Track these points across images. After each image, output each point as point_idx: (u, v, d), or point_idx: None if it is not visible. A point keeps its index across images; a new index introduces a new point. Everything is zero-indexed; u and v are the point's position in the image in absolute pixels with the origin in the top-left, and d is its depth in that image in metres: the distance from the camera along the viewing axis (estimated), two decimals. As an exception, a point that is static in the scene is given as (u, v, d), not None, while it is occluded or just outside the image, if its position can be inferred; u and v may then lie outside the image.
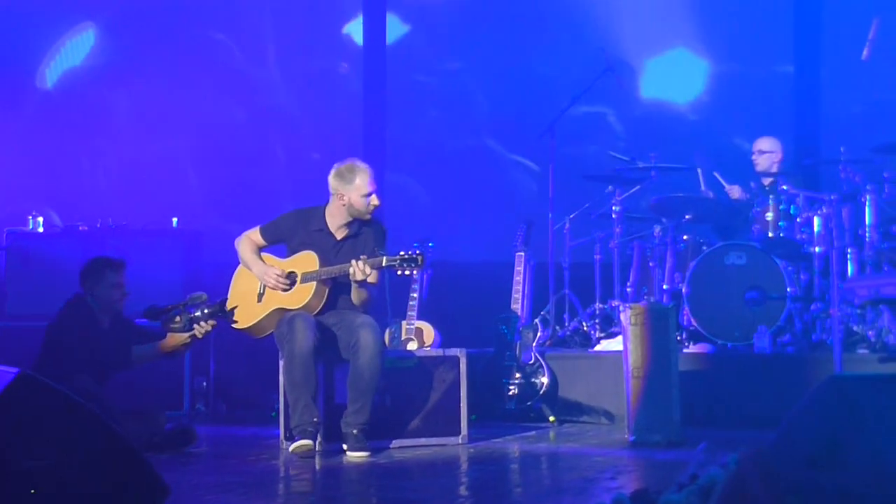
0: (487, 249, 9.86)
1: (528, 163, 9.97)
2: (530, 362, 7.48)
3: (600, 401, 7.46)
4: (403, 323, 7.47)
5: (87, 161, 9.92)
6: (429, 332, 7.50)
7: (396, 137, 10.24)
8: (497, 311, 7.71)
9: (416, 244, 7.62)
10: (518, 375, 7.48)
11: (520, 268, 7.76)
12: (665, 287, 8.08)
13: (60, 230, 8.82)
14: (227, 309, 6.28)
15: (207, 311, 6.25)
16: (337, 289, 6.24)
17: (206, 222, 9.27)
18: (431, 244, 8.17)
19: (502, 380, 7.50)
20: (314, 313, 6.15)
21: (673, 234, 8.16)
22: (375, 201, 6.29)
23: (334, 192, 6.29)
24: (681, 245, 8.18)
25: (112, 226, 8.65)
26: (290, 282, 6.21)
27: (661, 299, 8.00)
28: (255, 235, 6.42)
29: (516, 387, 7.47)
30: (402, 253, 6.07)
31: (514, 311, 7.61)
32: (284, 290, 6.20)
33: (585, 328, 8.37)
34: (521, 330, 7.55)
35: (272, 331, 6.24)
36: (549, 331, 8.23)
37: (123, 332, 6.54)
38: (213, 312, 6.25)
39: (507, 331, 7.57)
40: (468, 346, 6.78)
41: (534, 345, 7.51)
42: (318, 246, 6.26)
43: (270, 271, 6.23)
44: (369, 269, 6.05)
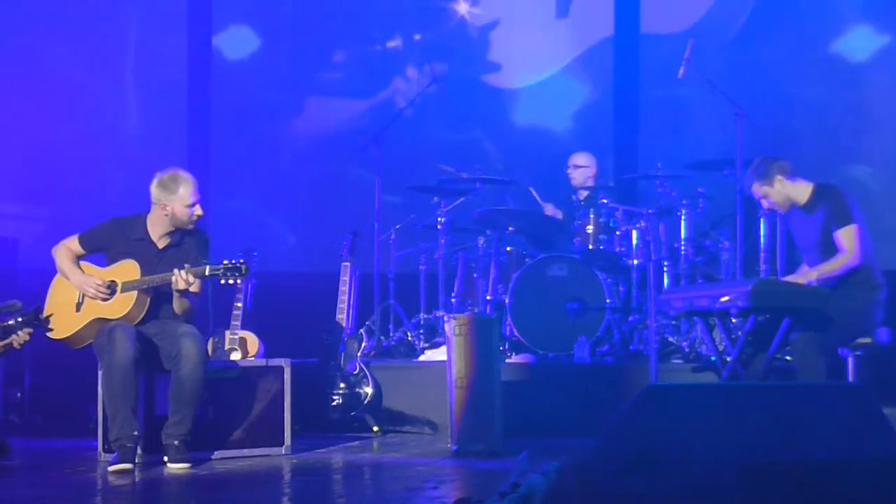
0: (313, 260, 9.84)
1: (355, 173, 9.97)
2: (355, 372, 7.48)
3: (424, 411, 7.51)
4: (227, 332, 7.38)
5: None
6: (253, 342, 7.43)
7: (221, 147, 10.14)
8: (322, 321, 7.70)
9: (241, 253, 7.55)
10: (342, 385, 7.48)
11: (345, 278, 7.76)
12: (488, 298, 8.18)
13: None
14: (43, 317, 6.10)
15: (22, 319, 6.06)
16: (158, 298, 6.13)
17: (22, 228, 9.02)
18: (256, 253, 8.11)
19: (326, 390, 7.48)
20: (135, 323, 6.04)
21: (496, 245, 8.26)
22: (199, 211, 6.20)
23: (156, 201, 6.18)
24: (504, 257, 8.30)
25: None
26: (109, 291, 6.08)
27: (484, 310, 8.11)
28: (74, 244, 6.26)
29: (340, 397, 7.46)
30: (226, 262, 6.01)
31: (338, 322, 7.60)
32: (104, 300, 6.07)
33: (410, 338, 8.42)
34: (345, 340, 7.55)
35: (91, 341, 6.10)
36: (374, 341, 8.25)
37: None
38: (29, 321, 6.06)
39: (331, 341, 7.56)
40: (292, 357, 6.74)
41: (358, 355, 7.52)
42: (138, 255, 6.14)
43: (90, 281, 6.09)
44: (192, 278, 5.97)
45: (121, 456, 5.79)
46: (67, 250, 6.24)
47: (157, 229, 6.22)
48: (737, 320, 6.66)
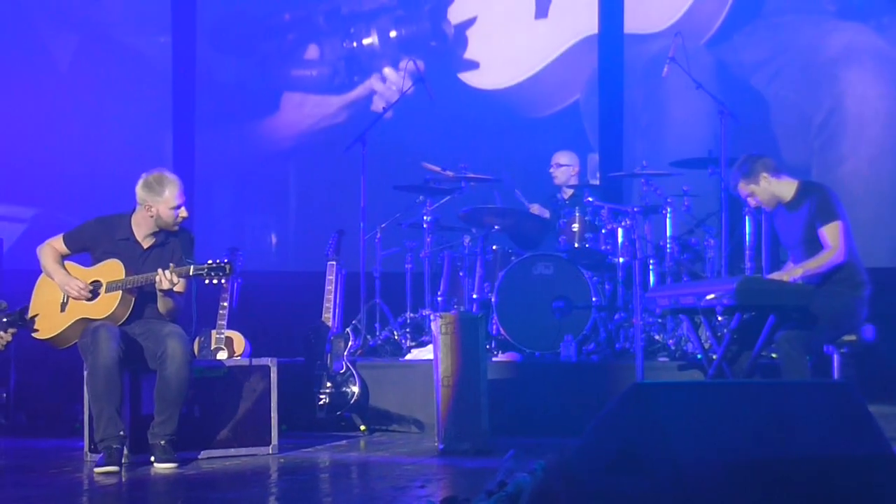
0: (298, 259, 9.83)
1: (340, 172, 9.97)
2: (341, 371, 7.48)
3: (411, 409, 7.51)
4: (213, 332, 7.37)
5: None
6: (239, 342, 7.42)
7: (206, 146, 10.12)
8: (308, 320, 7.69)
9: (226, 253, 7.54)
10: (329, 385, 7.47)
11: (331, 277, 7.75)
12: (474, 296, 8.18)
13: None
14: (28, 317, 6.09)
15: (6, 319, 6.04)
16: (143, 298, 6.12)
17: (6, 228, 8.99)
18: (241, 253, 8.10)
19: (313, 389, 7.48)
20: (120, 323, 6.02)
21: (482, 244, 8.27)
22: (184, 213, 6.20)
23: (142, 202, 6.17)
24: (490, 255, 8.30)
25: None
26: (92, 292, 6.06)
27: (470, 308, 8.11)
28: (58, 243, 6.24)
29: (327, 396, 7.46)
30: (211, 262, 6.00)
31: (324, 321, 7.60)
32: (88, 300, 6.06)
33: (396, 337, 8.42)
34: (332, 339, 7.55)
35: (76, 341, 6.08)
36: (360, 340, 8.24)
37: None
38: (13, 321, 6.04)
39: (317, 340, 7.56)
40: (279, 356, 6.74)
41: (345, 354, 7.51)
42: (123, 255, 6.13)
43: (73, 282, 6.07)
44: (177, 277, 5.96)
45: (107, 457, 5.78)
46: (52, 250, 6.22)
47: (141, 229, 6.20)
48: (722, 318, 6.68)
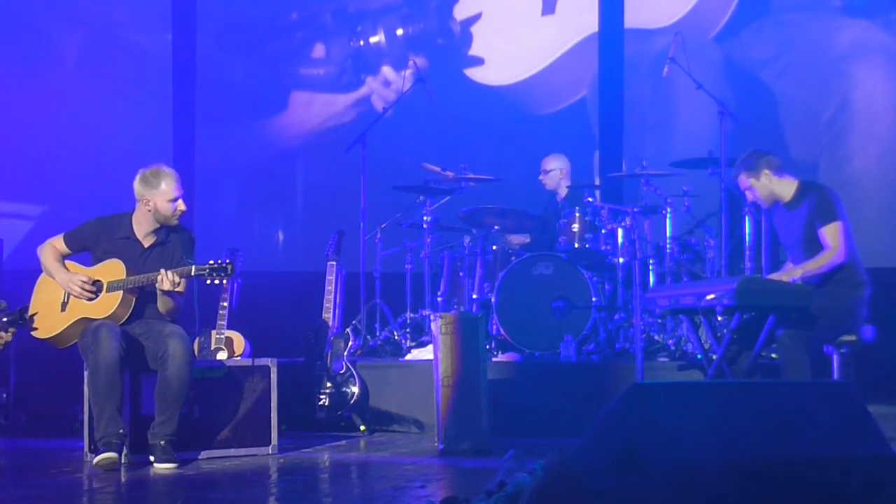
0: (298, 259, 9.83)
1: (341, 172, 9.97)
2: (341, 371, 7.48)
3: (410, 410, 7.51)
4: (213, 332, 7.37)
5: None
6: (239, 342, 7.42)
7: (208, 146, 10.12)
8: (308, 320, 7.69)
9: (226, 253, 7.54)
10: (329, 385, 7.47)
11: (331, 277, 7.75)
12: (474, 297, 8.19)
13: None
14: (28, 317, 6.09)
15: (7, 318, 6.04)
16: (144, 298, 6.13)
17: (7, 228, 8.99)
18: (241, 253, 8.10)
19: (313, 389, 7.48)
20: (120, 323, 6.03)
21: (482, 244, 8.28)
22: (182, 206, 6.20)
23: (139, 197, 6.18)
24: (490, 255, 8.31)
25: None
26: (95, 290, 6.07)
27: (470, 309, 8.11)
28: (59, 243, 6.25)
29: (327, 396, 7.46)
30: (212, 262, 6.01)
31: (325, 321, 7.60)
32: (89, 299, 6.06)
33: (396, 337, 8.42)
34: (332, 339, 7.55)
35: (76, 340, 6.08)
36: (361, 340, 8.25)
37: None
38: (14, 320, 6.04)
39: (317, 340, 7.56)
40: (279, 356, 6.74)
41: (345, 354, 7.51)
42: (124, 254, 6.13)
43: (75, 279, 6.08)
44: (178, 278, 5.97)
45: (107, 450, 5.78)
46: (53, 249, 6.23)
47: (142, 228, 6.21)
48: (722, 318, 6.68)
